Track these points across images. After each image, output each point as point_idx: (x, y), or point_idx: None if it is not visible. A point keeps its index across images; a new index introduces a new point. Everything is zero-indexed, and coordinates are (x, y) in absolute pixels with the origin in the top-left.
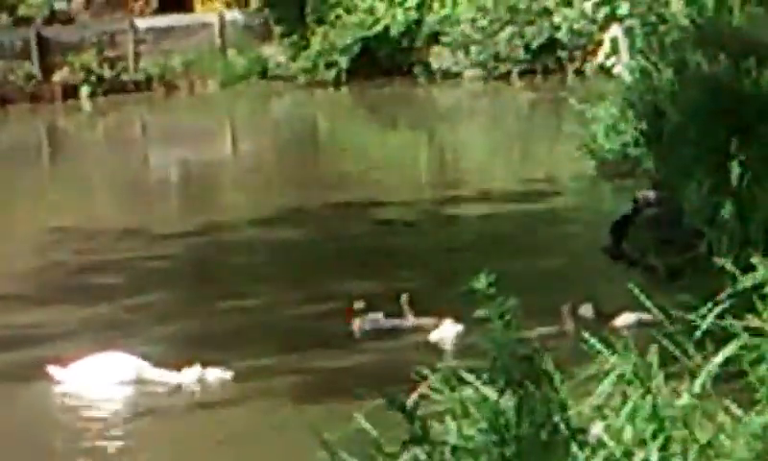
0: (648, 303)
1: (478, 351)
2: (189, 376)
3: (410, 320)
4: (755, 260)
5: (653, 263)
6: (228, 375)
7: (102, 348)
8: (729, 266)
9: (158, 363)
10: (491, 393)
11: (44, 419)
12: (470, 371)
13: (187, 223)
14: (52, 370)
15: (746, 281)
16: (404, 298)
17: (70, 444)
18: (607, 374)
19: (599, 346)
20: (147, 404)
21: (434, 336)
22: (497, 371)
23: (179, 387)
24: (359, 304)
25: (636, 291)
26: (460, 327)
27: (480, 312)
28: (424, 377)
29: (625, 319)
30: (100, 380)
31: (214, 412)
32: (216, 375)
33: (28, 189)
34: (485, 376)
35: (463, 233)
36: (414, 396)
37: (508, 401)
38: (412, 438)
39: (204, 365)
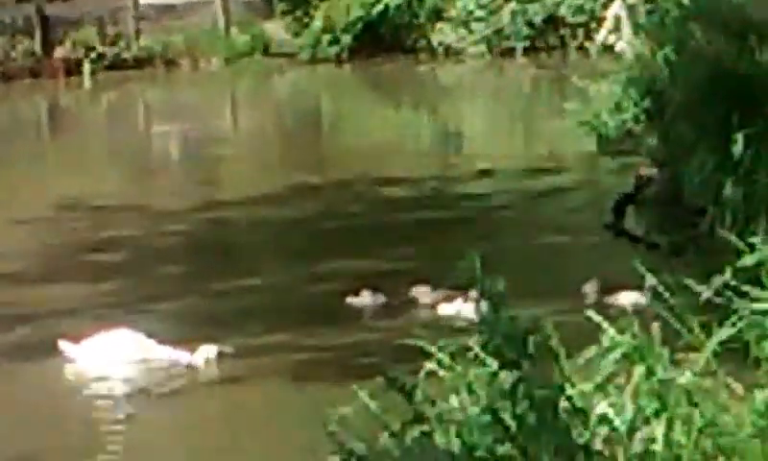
0: (652, 280)
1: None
2: (196, 354)
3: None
4: (756, 240)
5: (655, 240)
6: (232, 351)
7: (107, 326)
8: (734, 240)
9: (163, 341)
10: (488, 371)
11: (53, 396)
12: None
13: (191, 200)
14: (63, 345)
15: (749, 259)
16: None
17: (78, 421)
18: (609, 351)
19: (602, 323)
20: (154, 382)
21: (449, 310)
22: (490, 351)
23: (185, 365)
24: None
25: (641, 268)
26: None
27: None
28: (431, 354)
29: (628, 296)
30: (111, 358)
31: (220, 390)
32: (221, 352)
33: (29, 166)
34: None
35: (465, 210)
36: (421, 373)
37: (506, 380)
38: (412, 418)
39: (209, 343)
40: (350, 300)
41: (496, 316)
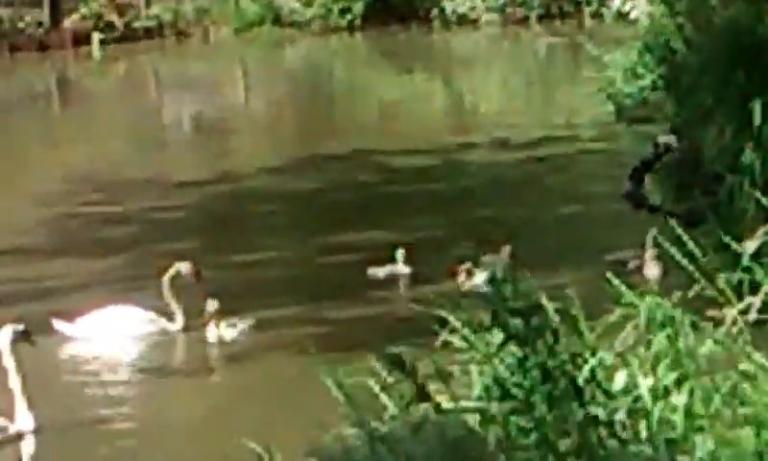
0: (672, 250)
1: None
2: (207, 329)
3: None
4: None
5: (673, 209)
6: (246, 325)
7: (116, 301)
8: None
9: (174, 315)
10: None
11: (62, 371)
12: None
13: (201, 172)
14: (58, 324)
15: None
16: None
17: (84, 397)
18: (629, 319)
19: (624, 290)
20: (158, 358)
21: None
22: (496, 327)
23: (193, 339)
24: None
25: (660, 238)
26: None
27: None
28: (444, 327)
29: (651, 269)
30: (110, 334)
31: (231, 364)
32: (234, 326)
33: (38, 139)
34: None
35: (481, 180)
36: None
37: (512, 355)
38: (415, 394)
39: (222, 316)
40: (372, 270)
41: (503, 289)
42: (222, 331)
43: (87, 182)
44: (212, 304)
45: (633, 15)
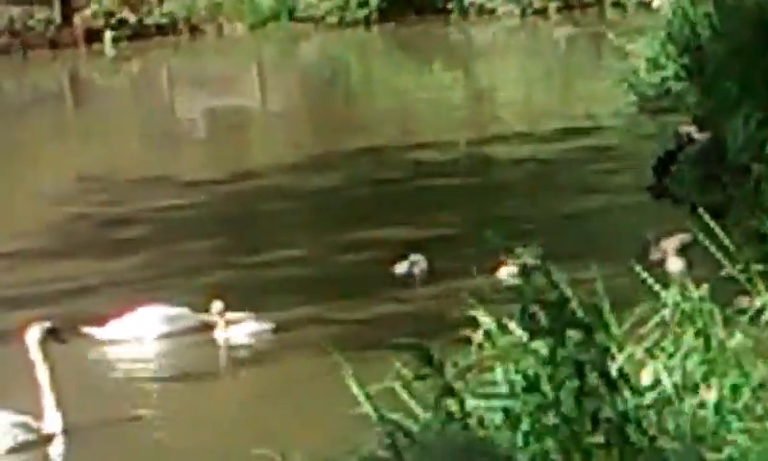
0: (704, 241)
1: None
2: (230, 329)
3: None
4: None
5: (698, 201)
6: (268, 326)
7: (134, 302)
8: None
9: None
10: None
11: (86, 375)
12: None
13: (217, 170)
14: (87, 330)
15: None
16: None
17: (110, 400)
18: (658, 311)
19: (653, 283)
20: (188, 358)
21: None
22: (525, 320)
23: (217, 339)
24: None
25: (694, 230)
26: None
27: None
28: (473, 323)
29: (674, 263)
30: (140, 335)
31: (253, 365)
32: (255, 326)
33: (50, 139)
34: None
35: (502, 174)
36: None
37: (541, 349)
38: (442, 391)
39: (243, 317)
40: (395, 268)
41: (530, 284)
42: (230, 333)
43: (101, 182)
44: (216, 306)
45: (655, 4)
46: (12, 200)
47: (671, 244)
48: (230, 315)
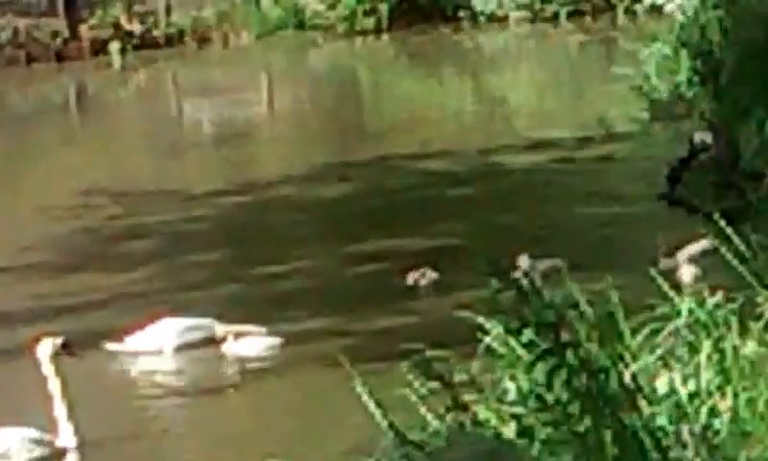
0: (720, 247)
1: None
2: (241, 342)
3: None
4: None
5: (712, 209)
6: (278, 339)
7: (150, 315)
8: None
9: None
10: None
11: (102, 389)
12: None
13: (226, 182)
14: (107, 344)
15: None
16: None
17: (121, 416)
18: (672, 320)
19: (668, 290)
20: (199, 372)
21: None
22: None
23: (228, 352)
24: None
25: (709, 236)
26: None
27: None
28: (484, 333)
29: (687, 268)
30: (160, 347)
31: (265, 378)
32: (265, 340)
33: (57, 151)
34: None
35: (514, 183)
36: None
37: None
38: (451, 403)
39: (253, 330)
40: (408, 278)
41: (530, 300)
42: (241, 346)
43: (109, 194)
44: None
45: (667, 9)
46: (19, 213)
47: (685, 252)
48: (241, 328)
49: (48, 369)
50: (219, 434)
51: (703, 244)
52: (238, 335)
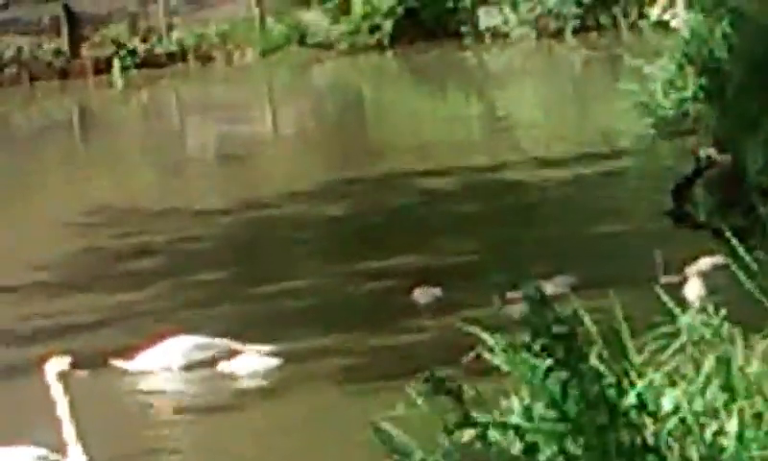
0: (729, 263)
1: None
2: (245, 361)
3: None
4: None
5: (718, 225)
6: (280, 359)
7: (157, 334)
8: None
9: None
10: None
11: (110, 408)
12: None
13: (229, 200)
14: (116, 362)
15: None
16: None
17: (130, 434)
18: (677, 337)
19: (673, 308)
20: (205, 390)
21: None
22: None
23: (231, 371)
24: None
25: (717, 253)
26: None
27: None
28: (490, 350)
29: (692, 284)
30: (169, 365)
31: (268, 396)
32: (268, 359)
33: (60, 170)
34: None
35: (518, 199)
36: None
37: (558, 377)
38: (461, 420)
39: (256, 349)
40: (413, 296)
41: (540, 314)
42: (243, 365)
43: (112, 213)
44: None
45: (672, 25)
46: (24, 232)
47: (691, 268)
48: (248, 347)
49: (56, 388)
50: (224, 452)
51: (709, 260)
52: (235, 353)
